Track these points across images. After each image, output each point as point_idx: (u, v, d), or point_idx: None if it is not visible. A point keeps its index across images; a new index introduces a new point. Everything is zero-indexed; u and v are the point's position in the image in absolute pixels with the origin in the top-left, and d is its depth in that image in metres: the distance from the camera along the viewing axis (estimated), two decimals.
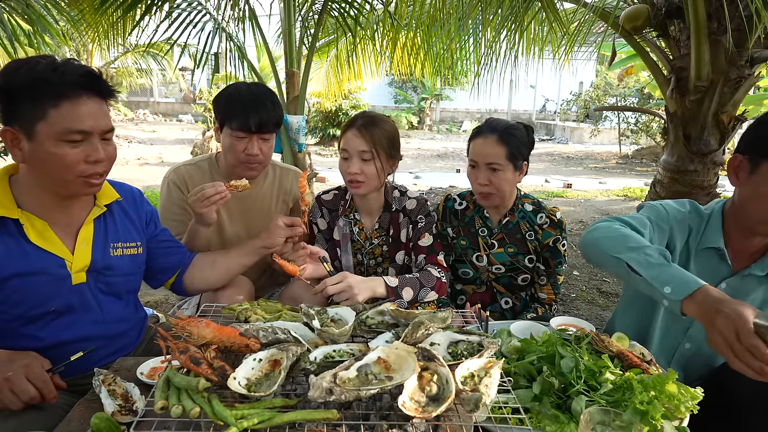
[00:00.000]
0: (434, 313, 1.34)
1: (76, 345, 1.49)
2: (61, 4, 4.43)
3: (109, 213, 1.60)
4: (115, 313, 1.60)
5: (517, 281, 2.18)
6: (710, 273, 1.57)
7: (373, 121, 2.00)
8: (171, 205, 2.11)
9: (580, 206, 7.61)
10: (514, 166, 2.04)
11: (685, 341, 1.64)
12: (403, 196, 2.14)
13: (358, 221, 2.14)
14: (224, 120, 2.02)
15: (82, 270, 1.50)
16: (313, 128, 13.88)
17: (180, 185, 2.11)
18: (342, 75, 6.27)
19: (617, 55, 7.62)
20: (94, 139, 1.37)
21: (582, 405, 1.13)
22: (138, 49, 11.38)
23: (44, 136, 1.32)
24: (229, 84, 2.13)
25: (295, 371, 1.10)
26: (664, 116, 4.30)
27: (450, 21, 4.58)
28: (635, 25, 3.96)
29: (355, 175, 1.97)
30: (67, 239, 1.49)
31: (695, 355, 1.64)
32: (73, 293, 1.48)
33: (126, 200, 1.67)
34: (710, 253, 1.58)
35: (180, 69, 17.29)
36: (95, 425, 1.07)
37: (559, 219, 2.13)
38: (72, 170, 1.37)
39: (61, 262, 1.46)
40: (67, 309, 1.48)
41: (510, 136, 2.02)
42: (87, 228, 1.53)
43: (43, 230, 1.44)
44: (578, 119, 18.47)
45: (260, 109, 1.98)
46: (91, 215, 1.54)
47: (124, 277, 1.62)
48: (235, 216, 2.19)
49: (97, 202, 1.56)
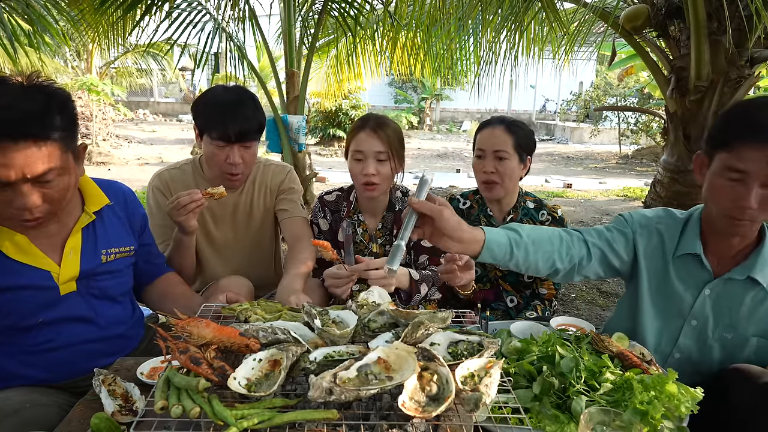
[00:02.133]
0: (434, 313, 1.34)
1: (72, 349, 1.48)
2: (61, 4, 4.43)
3: (98, 219, 1.55)
4: (111, 316, 1.58)
5: (523, 278, 2.20)
6: (691, 279, 1.53)
7: (384, 122, 2.02)
8: (156, 211, 2.06)
9: (580, 206, 7.61)
10: (520, 158, 2.10)
11: (675, 351, 1.59)
12: (406, 196, 2.15)
13: (362, 222, 2.14)
14: (203, 128, 1.94)
15: (71, 280, 1.46)
16: (313, 128, 13.88)
17: (163, 190, 2.06)
18: (342, 75, 6.27)
19: (617, 55, 7.63)
20: (18, 187, 1.25)
21: (582, 405, 1.13)
22: (138, 49, 11.35)
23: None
24: (207, 89, 2.04)
25: (295, 371, 1.10)
26: (664, 116, 4.30)
27: (450, 21, 4.58)
28: (635, 25, 3.96)
29: (371, 177, 1.95)
30: (52, 251, 1.44)
31: (684, 363, 1.60)
32: (61, 303, 1.45)
33: (117, 203, 1.62)
34: (689, 259, 1.53)
35: (180, 69, 17.27)
36: (95, 425, 1.07)
37: (560, 216, 2.18)
38: (2, 213, 1.30)
39: (46, 275, 1.42)
40: (58, 319, 1.46)
41: (517, 128, 2.11)
42: (74, 238, 1.48)
43: (24, 245, 1.39)
44: (578, 119, 18.47)
45: (240, 116, 1.90)
46: (78, 224, 1.49)
47: (118, 280, 1.59)
48: (221, 220, 2.16)
49: (85, 209, 1.51)
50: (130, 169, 9.42)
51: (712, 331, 1.53)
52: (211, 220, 2.13)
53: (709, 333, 1.53)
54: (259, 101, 2.03)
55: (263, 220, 2.20)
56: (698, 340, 1.54)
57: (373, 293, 1.46)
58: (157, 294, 1.78)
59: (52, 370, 1.48)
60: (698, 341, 1.54)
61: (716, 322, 1.52)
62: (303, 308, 1.31)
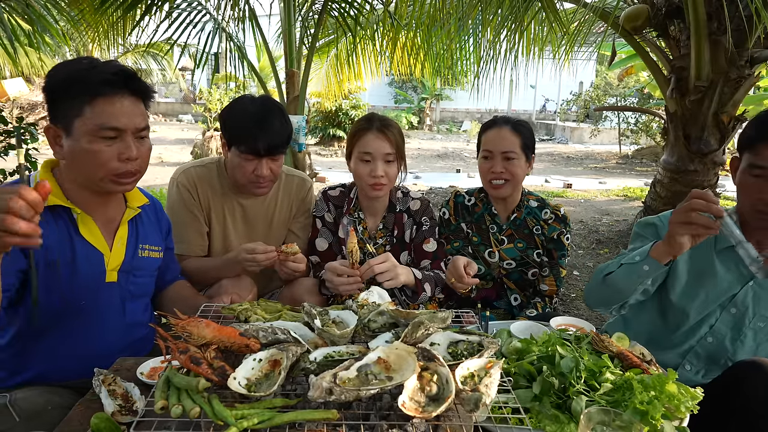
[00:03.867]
0: (434, 313, 1.34)
1: (99, 343, 1.51)
2: (61, 4, 4.43)
3: (139, 216, 1.64)
4: (136, 316, 1.63)
5: (527, 275, 2.22)
6: (737, 272, 1.60)
7: (389, 122, 2.02)
8: (180, 208, 2.03)
9: (580, 206, 7.61)
10: (526, 157, 2.12)
11: (708, 335, 1.66)
12: (406, 196, 2.15)
13: (362, 220, 2.14)
14: (231, 141, 1.92)
15: (115, 269, 1.54)
16: (313, 128, 13.87)
17: (189, 187, 2.03)
18: (342, 75, 6.27)
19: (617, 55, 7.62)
20: (127, 137, 1.40)
21: (582, 405, 1.13)
22: (138, 49, 11.38)
23: (80, 133, 1.36)
24: (235, 99, 2.02)
25: (295, 371, 1.10)
26: (664, 116, 4.30)
27: (450, 21, 4.58)
28: (635, 25, 3.96)
29: (380, 178, 1.95)
30: (108, 236, 1.54)
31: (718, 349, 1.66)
32: (103, 291, 1.52)
33: (151, 205, 1.71)
34: (732, 253, 1.59)
35: (180, 69, 17.27)
36: (95, 425, 1.07)
37: (563, 214, 2.21)
38: (105, 167, 1.40)
39: (100, 256, 1.50)
40: (94, 306, 1.50)
41: (522, 128, 2.13)
42: (123, 228, 1.58)
43: (90, 224, 1.49)
44: (578, 119, 18.47)
45: (269, 130, 1.88)
46: (126, 216, 1.58)
47: (149, 278, 1.67)
48: (243, 226, 2.14)
49: (129, 204, 1.60)
50: None
51: (750, 319, 1.60)
52: (232, 226, 2.11)
53: (746, 321, 1.61)
54: (286, 111, 2.01)
55: (280, 229, 2.19)
56: (734, 327, 1.62)
57: (373, 293, 1.46)
58: (168, 299, 1.82)
59: (72, 365, 1.48)
60: (734, 329, 1.62)
61: (754, 312, 1.60)
62: (303, 308, 1.31)
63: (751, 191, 1.49)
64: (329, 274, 1.80)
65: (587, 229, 6.10)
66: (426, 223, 2.11)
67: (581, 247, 5.34)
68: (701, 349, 1.66)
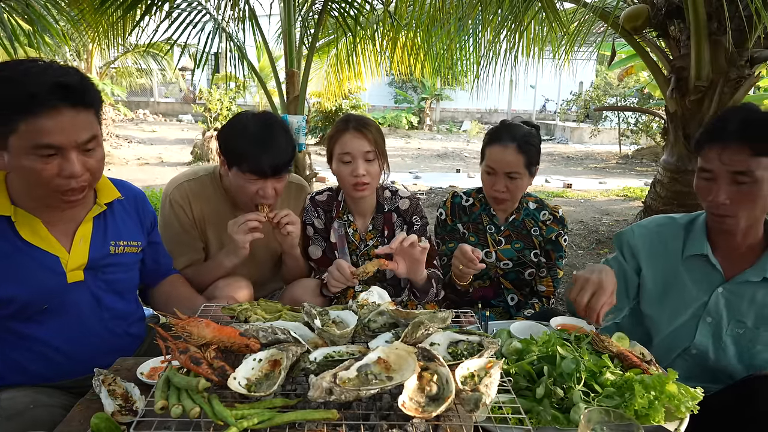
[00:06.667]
0: (434, 313, 1.34)
1: (75, 343, 1.49)
2: (61, 4, 4.44)
3: (109, 211, 1.58)
4: (116, 310, 1.59)
5: (524, 275, 2.22)
6: (704, 279, 1.61)
7: (366, 121, 2.00)
8: (175, 226, 1.97)
9: (580, 206, 7.61)
10: (530, 173, 2.09)
11: (692, 347, 1.66)
12: (395, 196, 2.14)
13: (352, 222, 2.12)
14: (232, 161, 1.82)
15: (79, 268, 1.48)
16: (313, 128, 13.86)
17: (183, 205, 1.96)
18: (342, 75, 6.27)
19: (617, 55, 7.63)
20: (69, 153, 1.30)
21: (582, 405, 1.13)
22: (138, 49, 11.36)
23: (16, 150, 1.27)
24: (233, 117, 1.92)
25: (295, 371, 1.10)
26: (664, 116, 4.30)
27: (450, 21, 4.58)
28: (635, 25, 3.96)
29: (362, 177, 1.93)
30: (63, 237, 1.47)
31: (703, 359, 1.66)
32: (68, 292, 1.47)
33: (127, 200, 1.66)
34: (698, 260, 1.62)
35: (180, 69, 17.26)
36: (95, 425, 1.07)
37: (561, 216, 2.22)
38: (47, 185, 1.31)
39: (54, 260, 1.44)
40: (61, 307, 1.47)
41: (528, 146, 2.04)
42: (86, 226, 1.51)
43: (37, 228, 1.42)
44: (578, 119, 18.47)
45: (274, 149, 1.78)
46: (90, 213, 1.52)
47: (126, 274, 1.62)
48: None
49: (97, 200, 1.54)
50: (129, 169, 9.41)
51: (726, 327, 1.60)
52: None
53: (723, 329, 1.60)
54: (288, 126, 1.93)
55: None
56: (714, 336, 1.61)
57: (373, 293, 1.46)
58: (163, 295, 1.80)
59: (54, 365, 1.48)
60: (714, 337, 1.61)
61: (729, 319, 1.59)
62: (303, 308, 1.32)
63: (703, 194, 1.53)
64: (334, 266, 1.80)
65: (587, 229, 6.10)
66: (417, 223, 2.11)
67: (581, 247, 5.34)
68: (685, 361, 1.65)
